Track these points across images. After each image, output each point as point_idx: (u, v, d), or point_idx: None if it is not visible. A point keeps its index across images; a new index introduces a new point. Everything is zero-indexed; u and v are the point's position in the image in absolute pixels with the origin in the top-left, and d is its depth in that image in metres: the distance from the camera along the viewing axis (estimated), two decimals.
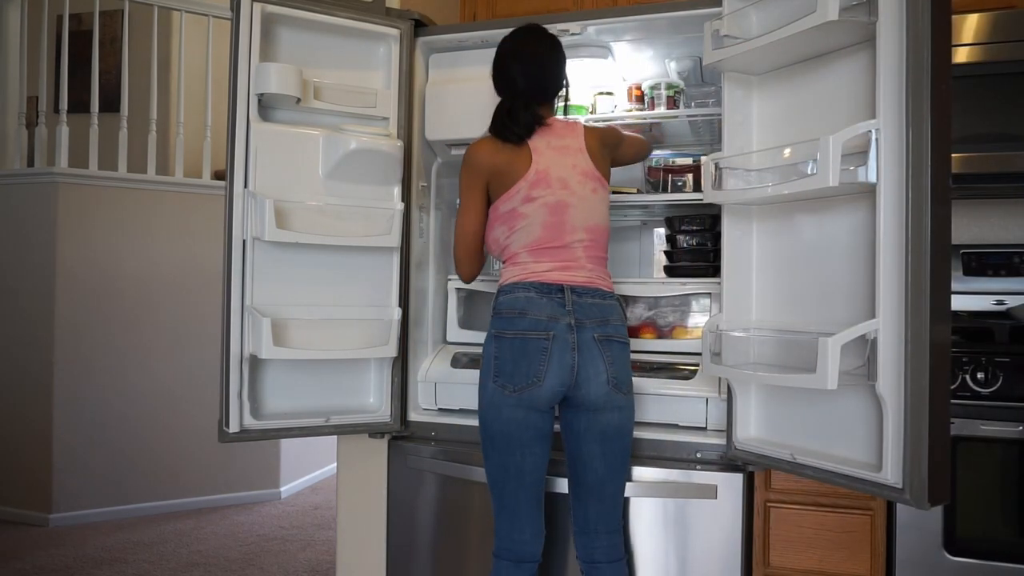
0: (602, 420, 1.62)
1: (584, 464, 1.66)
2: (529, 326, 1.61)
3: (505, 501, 1.65)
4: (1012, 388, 1.67)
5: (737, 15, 1.62)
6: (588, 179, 1.70)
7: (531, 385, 1.59)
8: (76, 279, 3.54)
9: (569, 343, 1.60)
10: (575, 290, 1.64)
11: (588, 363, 1.60)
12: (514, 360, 1.61)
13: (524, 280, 1.66)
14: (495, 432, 1.63)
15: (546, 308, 1.61)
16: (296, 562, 3.06)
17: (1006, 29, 1.89)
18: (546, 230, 1.67)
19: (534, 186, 1.67)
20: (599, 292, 1.67)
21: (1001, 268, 2.14)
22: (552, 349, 1.59)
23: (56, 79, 3.87)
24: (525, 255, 1.68)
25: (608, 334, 1.63)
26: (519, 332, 1.62)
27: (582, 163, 1.70)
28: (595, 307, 1.64)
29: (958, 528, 1.67)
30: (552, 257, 1.67)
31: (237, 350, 1.79)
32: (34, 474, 3.51)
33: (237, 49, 1.79)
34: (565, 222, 1.67)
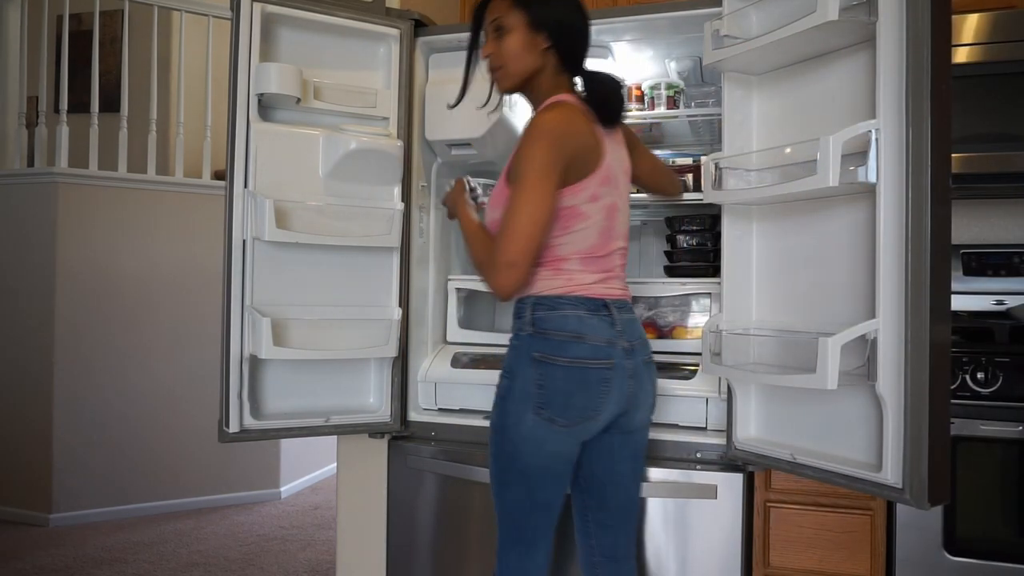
0: (638, 439, 1.55)
1: (616, 485, 1.55)
2: (588, 354, 1.42)
3: (525, 534, 1.47)
4: (1012, 388, 1.67)
5: (737, 15, 1.62)
6: (627, 178, 1.57)
7: (587, 419, 1.42)
8: (76, 279, 3.54)
9: (627, 370, 1.45)
10: (618, 305, 1.48)
11: (641, 389, 1.49)
12: (567, 392, 1.41)
13: (569, 294, 1.44)
14: (531, 466, 1.43)
15: (602, 331, 1.43)
16: (296, 562, 3.06)
17: (1006, 29, 1.89)
18: (600, 237, 1.48)
19: (603, 183, 1.46)
20: (629, 306, 1.53)
21: (1001, 268, 2.14)
22: (613, 379, 1.43)
23: (56, 79, 3.87)
24: (576, 263, 1.47)
25: (651, 355, 1.54)
26: (576, 360, 1.41)
27: (626, 160, 1.56)
28: (634, 325, 1.51)
29: (958, 528, 1.67)
30: (597, 267, 1.49)
31: (237, 350, 1.79)
32: (34, 474, 3.51)
33: (237, 49, 1.79)
34: (614, 228, 1.50)
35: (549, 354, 1.41)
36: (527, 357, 1.42)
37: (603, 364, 1.42)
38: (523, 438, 1.42)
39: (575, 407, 1.41)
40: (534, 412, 1.40)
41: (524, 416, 1.41)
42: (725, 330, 1.66)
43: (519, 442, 1.42)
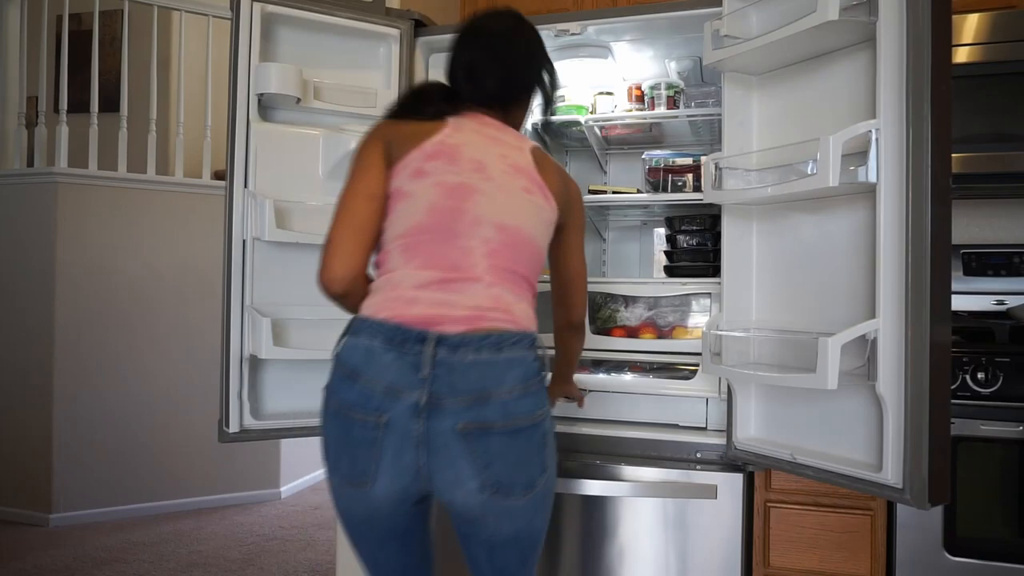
0: (487, 530, 1.16)
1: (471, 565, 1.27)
2: (356, 400, 1.12)
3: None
4: (1012, 388, 1.67)
5: (737, 15, 1.62)
6: (520, 175, 1.25)
7: (361, 484, 1.14)
8: (76, 279, 3.54)
9: (412, 435, 1.09)
10: (446, 340, 1.10)
11: (444, 467, 1.10)
12: (336, 445, 1.16)
13: (374, 316, 1.15)
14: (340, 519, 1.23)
15: (388, 372, 1.10)
16: (296, 562, 3.05)
17: (1006, 29, 1.89)
18: (432, 215, 1.18)
19: (431, 157, 1.22)
20: (491, 339, 1.11)
21: (1001, 268, 2.14)
22: (384, 442, 1.10)
23: (56, 79, 3.87)
24: (396, 253, 1.19)
25: (484, 422, 1.09)
26: (342, 407, 1.14)
27: (518, 159, 1.28)
28: (474, 371, 1.09)
29: (958, 528, 1.67)
30: (431, 256, 1.16)
31: (237, 350, 1.79)
32: (34, 474, 3.51)
33: (237, 49, 1.79)
34: (465, 210, 1.18)
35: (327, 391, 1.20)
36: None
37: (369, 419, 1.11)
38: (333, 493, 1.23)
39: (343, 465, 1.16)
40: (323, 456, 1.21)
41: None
42: (725, 330, 1.66)
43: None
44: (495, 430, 1.10)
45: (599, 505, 1.81)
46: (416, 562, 1.29)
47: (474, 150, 1.25)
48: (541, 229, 1.27)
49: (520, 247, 1.22)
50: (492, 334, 1.12)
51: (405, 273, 1.18)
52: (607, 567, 1.80)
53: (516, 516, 1.16)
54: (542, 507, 1.21)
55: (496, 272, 1.18)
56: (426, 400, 1.09)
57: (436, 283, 1.15)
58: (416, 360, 1.10)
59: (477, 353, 1.11)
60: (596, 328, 2.03)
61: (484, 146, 1.27)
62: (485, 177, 1.23)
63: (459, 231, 1.18)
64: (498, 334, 1.13)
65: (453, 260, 1.17)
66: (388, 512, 1.17)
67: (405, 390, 1.10)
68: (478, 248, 1.18)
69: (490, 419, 1.10)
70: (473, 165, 1.23)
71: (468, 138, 1.27)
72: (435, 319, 1.12)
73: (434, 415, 1.09)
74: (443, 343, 1.10)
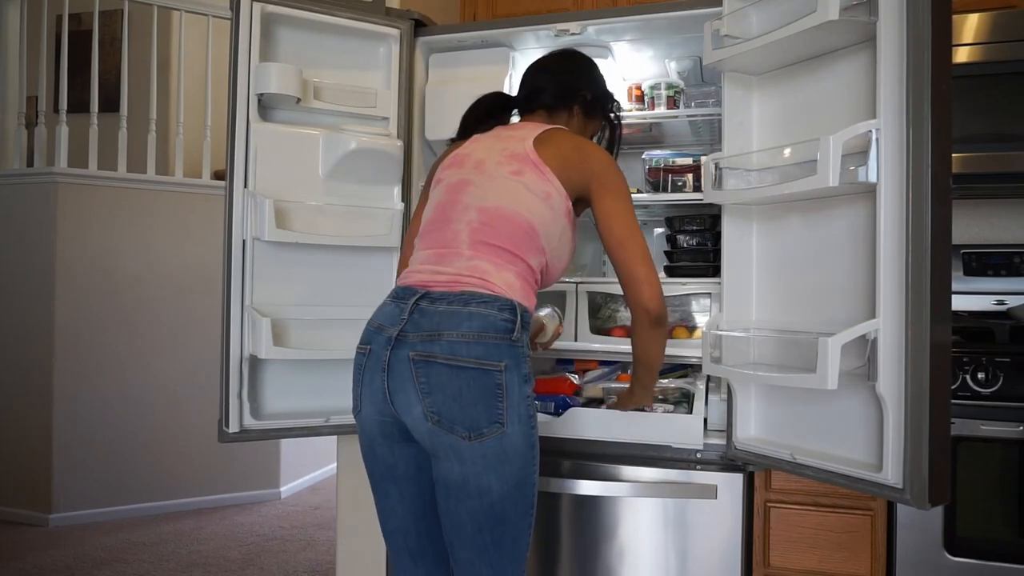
0: (440, 468, 1.30)
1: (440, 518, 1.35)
2: (361, 338, 1.40)
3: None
4: (1012, 388, 1.67)
5: (737, 15, 1.62)
6: (513, 161, 1.42)
7: (356, 410, 1.39)
8: (76, 279, 3.54)
9: (381, 361, 1.32)
10: (430, 295, 1.33)
11: (399, 389, 1.30)
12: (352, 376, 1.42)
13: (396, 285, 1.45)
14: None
15: (382, 316, 1.37)
16: (296, 562, 3.05)
17: (1006, 29, 1.89)
18: (437, 209, 1.45)
19: (446, 167, 1.49)
20: (463, 296, 1.31)
21: (1001, 268, 2.14)
22: (366, 367, 1.35)
23: (56, 79, 3.87)
24: (416, 243, 1.49)
25: (430, 353, 1.27)
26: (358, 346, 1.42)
27: (515, 147, 1.44)
28: (438, 316, 1.30)
29: (958, 528, 1.67)
30: (432, 240, 1.42)
31: (237, 350, 1.79)
32: (34, 474, 3.51)
33: (237, 49, 1.79)
34: (458, 201, 1.42)
35: None
36: None
37: (361, 350, 1.38)
38: None
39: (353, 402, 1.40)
40: None
41: None
42: (725, 330, 1.66)
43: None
44: (437, 362, 1.27)
45: (599, 505, 1.81)
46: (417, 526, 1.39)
47: (480, 153, 1.46)
48: (532, 203, 1.39)
49: (501, 223, 1.37)
50: (465, 293, 1.32)
51: (416, 254, 1.45)
52: (607, 567, 1.80)
53: (464, 459, 1.26)
54: (496, 465, 1.26)
55: (476, 247, 1.37)
56: (396, 335, 1.31)
57: (432, 258, 1.40)
58: (403, 307, 1.34)
59: (448, 305, 1.31)
60: (596, 328, 2.03)
61: (491, 147, 1.46)
62: (480, 171, 1.43)
63: (452, 217, 1.41)
64: (469, 293, 1.32)
65: (445, 240, 1.40)
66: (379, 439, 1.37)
67: (387, 328, 1.34)
68: (463, 229, 1.39)
69: (435, 352, 1.28)
70: (474, 164, 1.45)
71: (480, 144, 1.49)
72: (427, 282, 1.37)
73: (397, 346, 1.31)
74: (426, 297, 1.34)
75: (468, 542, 1.29)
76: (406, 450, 1.36)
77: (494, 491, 1.27)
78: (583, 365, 2.11)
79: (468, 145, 1.50)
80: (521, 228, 1.38)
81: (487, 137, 1.51)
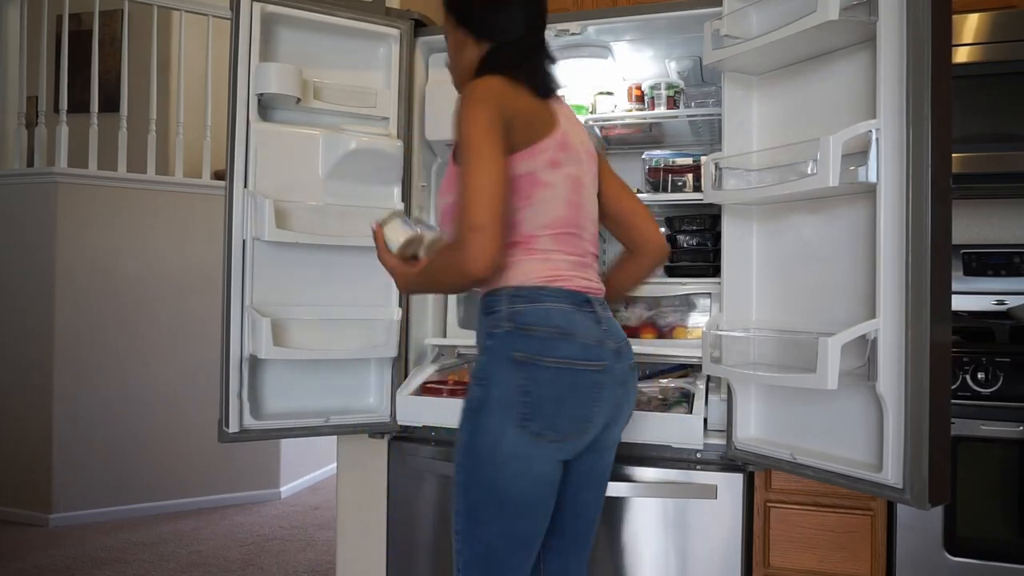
0: (606, 460, 1.39)
1: (577, 514, 1.39)
2: (579, 353, 1.25)
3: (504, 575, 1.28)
4: (1012, 388, 1.67)
5: (737, 15, 1.62)
6: (592, 162, 1.43)
7: (580, 432, 1.25)
8: (76, 279, 3.54)
9: (617, 375, 1.30)
10: (599, 302, 1.35)
11: (628, 399, 1.35)
12: (558, 398, 1.22)
13: (550, 285, 1.28)
14: (514, 494, 1.22)
15: (590, 328, 1.28)
16: (296, 562, 3.06)
17: (1006, 29, 1.89)
18: (569, 210, 1.33)
19: (562, 149, 1.32)
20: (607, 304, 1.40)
21: (1001, 268, 2.14)
22: (605, 384, 1.28)
23: (56, 79, 3.87)
24: (547, 240, 1.30)
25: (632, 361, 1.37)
26: (566, 360, 1.23)
27: (589, 144, 1.44)
28: (616, 324, 1.37)
29: (958, 528, 1.67)
30: (573, 247, 1.34)
31: (237, 350, 1.79)
32: (34, 474, 3.51)
33: (237, 49, 1.79)
34: (583, 205, 1.37)
35: (536, 354, 1.22)
36: (508, 360, 1.22)
37: (595, 367, 1.26)
38: (505, 459, 1.21)
39: (566, 416, 1.23)
40: (518, 425, 1.20)
41: (506, 431, 1.21)
42: (725, 330, 1.66)
43: (502, 464, 1.21)
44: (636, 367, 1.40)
45: None
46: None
47: (573, 136, 1.38)
48: None
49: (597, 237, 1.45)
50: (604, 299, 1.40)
51: (562, 257, 1.33)
52: (607, 567, 1.80)
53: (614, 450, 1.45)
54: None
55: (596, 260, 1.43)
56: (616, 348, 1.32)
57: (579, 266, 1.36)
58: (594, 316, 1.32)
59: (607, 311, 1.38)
60: None
61: (576, 131, 1.41)
62: (583, 170, 1.39)
63: (582, 225, 1.37)
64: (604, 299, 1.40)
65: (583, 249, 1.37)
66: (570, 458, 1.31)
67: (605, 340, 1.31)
68: (589, 240, 1.39)
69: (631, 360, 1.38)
70: (578, 155, 1.38)
71: (569, 123, 1.39)
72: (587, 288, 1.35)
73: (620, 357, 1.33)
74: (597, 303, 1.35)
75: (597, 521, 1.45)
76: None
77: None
78: None
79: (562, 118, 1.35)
80: None
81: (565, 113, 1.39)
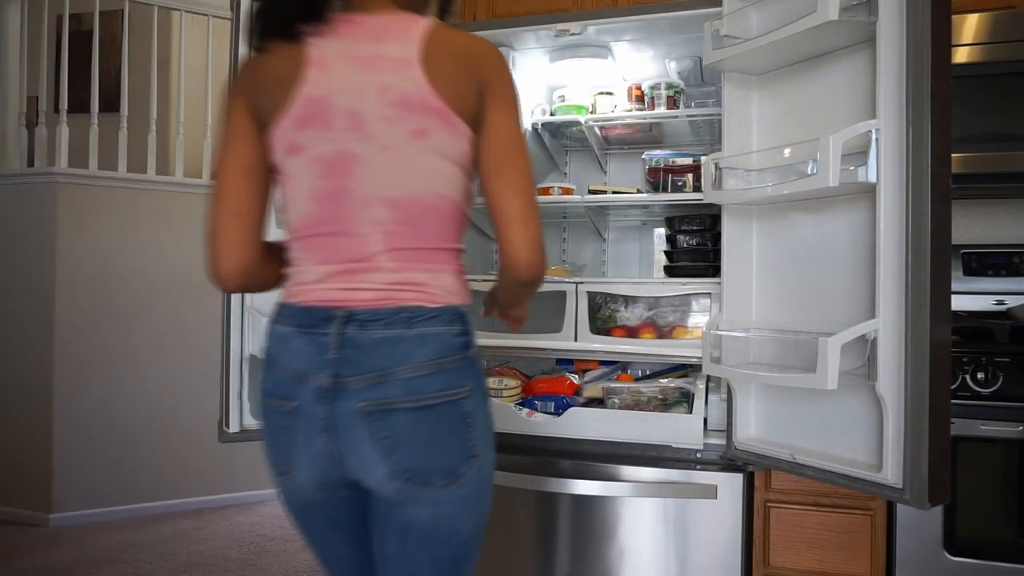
0: (404, 512, 1.05)
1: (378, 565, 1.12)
2: (271, 388, 1.09)
3: None
4: (1012, 388, 1.67)
5: (737, 15, 1.62)
6: (408, 112, 1.02)
7: (286, 473, 1.10)
8: (76, 279, 3.54)
9: (317, 420, 1.03)
10: (355, 318, 1.02)
11: (351, 450, 1.03)
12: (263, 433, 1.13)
13: (287, 301, 1.11)
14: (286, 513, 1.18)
15: (297, 357, 1.05)
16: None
17: (1006, 29, 1.89)
18: (317, 203, 1.05)
19: (302, 125, 1.04)
20: (402, 314, 1.03)
21: (1001, 268, 2.14)
22: (296, 428, 1.05)
23: (56, 79, 3.87)
24: (298, 247, 1.10)
25: (385, 400, 1.01)
26: (264, 394, 1.11)
27: (401, 83, 1.02)
28: (381, 348, 1.02)
29: (958, 528, 1.67)
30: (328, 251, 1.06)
31: (237, 350, 1.79)
32: (34, 474, 3.51)
33: (237, 49, 1.78)
34: (347, 189, 1.04)
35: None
36: None
37: (281, 406, 1.07)
38: None
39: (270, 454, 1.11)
40: None
41: None
42: (725, 330, 1.66)
43: None
44: (397, 408, 1.01)
45: (599, 505, 1.81)
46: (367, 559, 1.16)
47: (346, 95, 1.03)
48: (450, 173, 1.07)
49: (423, 218, 1.05)
50: (404, 309, 1.03)
51: (308, 269, 1.09)
52: (607, 567, 1.80)
53: (440, 503, 1.05)
54: (472, 504, 1.08)
55: (398, 257, 1.05)
56: (330, 382, 1.02)
57: (340, 274, 1.06)
58: (325, 341, 1.03)
59: (387, 328, 1.02)
60: (596, 328, 2.03)
61: (357, 82, 1.03)
62: (363, 136, 1.03)
63: (348, 217, 1.05)
64: (410, 309, 1.03)
65: (351, 253, 1.05)
66: (319, 500, 1.11)
67: (311, 374, 1.03)
68: (373, 234, 1.04)
69: (391, 397, 1.01)
70: (347, 121, 1.03)
71: (337, 75, 1.04)
72: (344, 300, 1.04)
73: (338, 397, 1.02)
74: (352, 320, 1.03)
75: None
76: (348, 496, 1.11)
77: (466, 533, 1.08)
78: (583, 365, 2.11)
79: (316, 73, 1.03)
80: (447, 213, 1.07)
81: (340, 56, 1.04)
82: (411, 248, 1.05)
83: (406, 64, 1.03)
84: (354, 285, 1.04)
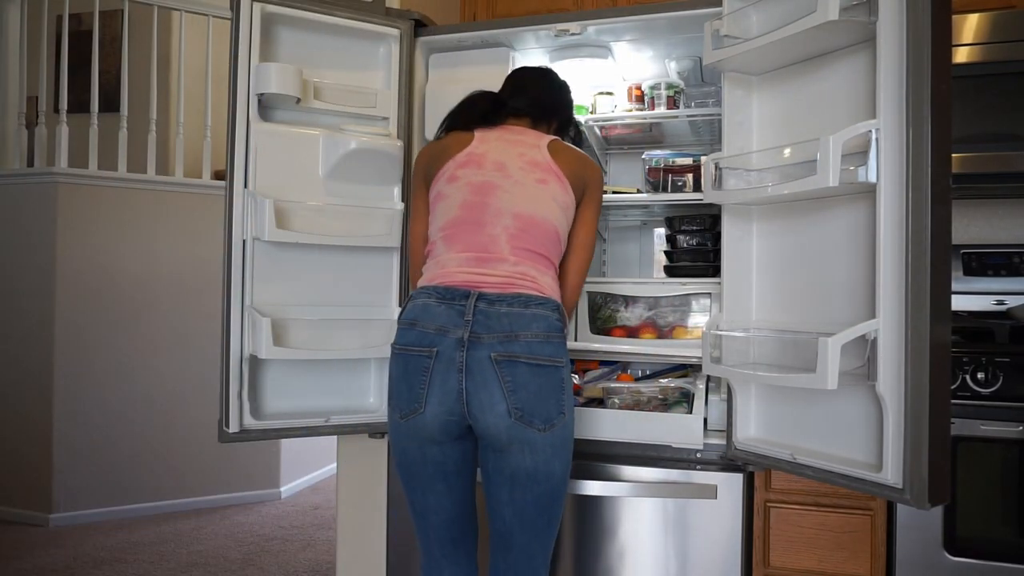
0: (510, 462, 1.39)
1: (492, 509, 1.46)
2: (414, 340, 1.41)
3: (420, 541, 1.53)
4: (1012, 388, 1.67)
5: (737, 15, 1.62)
6: (536, 169, 1.52)
7: (414, 412, 1.41)
8: (76, 279, 3.54)
9: (455, 363, 1.38)
10: (485, 296, 1.40)
11: (479, 388, 1.37)
12: (396, 381, 1.44)
13: (429, 284, 1.46)
14: (397, 463, 1.49)
15: (439, 318, 1.40)
16: (296, 562, 3.05)
17: (1006, 29, 1.89)
18: (464, 209, 1.49)
19: (462, 165, 1.52)
20: (520, 298, 1.41)
21: (1001, 268, 2.14)
22: (434, 369, 1.39)
23: (56, 79, 3.87)
24: (440, 242, 1.50)
25: (512, 353, 1.37)
26: (403, 347, 1.43)
27: (534, 154, 1.54)
28: (506, 318, 1.39)
29: (958, 528, 1.67)
30: (467, 242, 1.46)
31: (237, 350, 1.79)
32: (34, 474, 3.51)
33: (237, 49, 1.79)
34: (488, 203, 1.48)
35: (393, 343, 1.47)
36: None
37: (423, 352, 1.40)
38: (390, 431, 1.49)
39: (403, 397, 1.42)
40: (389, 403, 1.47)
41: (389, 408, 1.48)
42: (725, 330, 1.66)
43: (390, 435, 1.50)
44: (520, 361, 1.37)
45: (599, 505, 1.81)
46: (461, 513, 1.49)
47: (497, 155, 1.52)
48: (557, 212, 1.51)
49: (536, 230, 1.48)
50: (521, 295, 1.41)
51: (449, 256, 1.47)
52: (607, 567, 1.80)
53: (536, 450, 1.37)
54: (560, 451, 1.41)
55: (518, 252, 1.45)
56: (468, 336, 1.37)
57: (474, 260, 1.44)
58: (461, 309, 1.39)
59: (509, 307, 1.39)
60: (596, 328, 2.03)
61: (505, 149, 1.53)
62: (505, 175, 1.50)
63: (485, 221, 1.46)
64: (526, 295, 1.41)
65: (484, 244, 1.45)
66: (437, 439, 1.41)
67: (452, 329, 1.38)
68: (501, 235, 1.46)
69: (516, 352, 1.37)
70: (495, 167, 1.51)
71: (492, 146, 1.54)
72: (475, 283, 1.42)
73: (473, 347, 1.37)
74: (482, 298, 1.39)
75: (529, 526, 1.42)
76: (458, 447, 1.45)
77: (557, 475, 1.41)
78: (583, 365, 2.11)
79: (478, 144, 1.55)
80: (552, 235, 1.50)
81: (496, 139, 1.56)
82: (527, 249, 1.46)
83: (538, 147, 1.55)
84: (484, 271, 1.43)
